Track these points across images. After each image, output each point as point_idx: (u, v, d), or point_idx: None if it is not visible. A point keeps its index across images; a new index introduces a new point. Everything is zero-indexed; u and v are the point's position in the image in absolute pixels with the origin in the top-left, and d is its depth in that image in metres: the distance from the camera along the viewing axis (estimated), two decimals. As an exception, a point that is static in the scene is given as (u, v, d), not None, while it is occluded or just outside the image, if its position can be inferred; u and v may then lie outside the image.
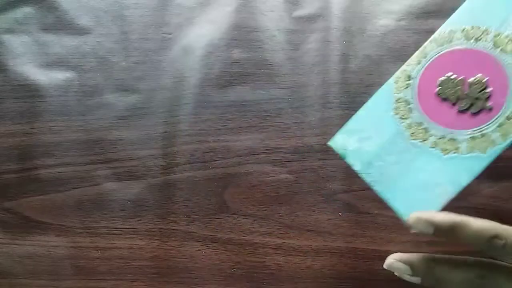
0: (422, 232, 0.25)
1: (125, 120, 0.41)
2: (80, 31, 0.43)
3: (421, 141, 0.27)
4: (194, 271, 0.38)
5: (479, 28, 0.28)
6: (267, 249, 0.37)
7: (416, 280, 0.26)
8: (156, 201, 0.39)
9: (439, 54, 0.29)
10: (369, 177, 0.28)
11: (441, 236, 0.25)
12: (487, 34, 0.28)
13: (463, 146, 0.27)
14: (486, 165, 0.26)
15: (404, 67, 0.29)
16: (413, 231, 0.25)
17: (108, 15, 0.43)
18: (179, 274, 0.38)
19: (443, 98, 0.28)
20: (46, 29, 0.43)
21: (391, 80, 0.29)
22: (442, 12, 0.40)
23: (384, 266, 0.27)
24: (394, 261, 0.27)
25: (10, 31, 0.43)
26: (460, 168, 0.27)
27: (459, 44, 0.29)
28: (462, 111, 0.27)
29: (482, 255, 0.26)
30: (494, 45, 0.27)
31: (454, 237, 0.24)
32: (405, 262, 0.27)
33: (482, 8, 0.29)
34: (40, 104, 0.41)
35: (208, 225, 0.38)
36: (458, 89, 0.27)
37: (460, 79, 0.27)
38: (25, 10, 0.43)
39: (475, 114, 0.27)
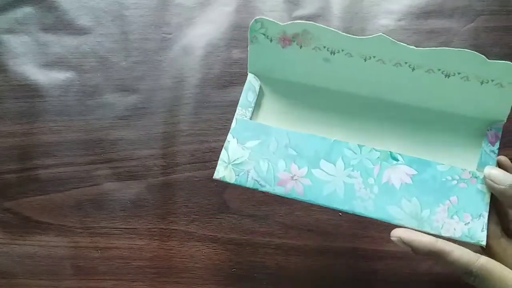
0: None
1: (125, 120, 0.41)
2: (80, 31, 0.43)
3: None
4: (194, 271, 0.38)
5: None
6: (267, 249, 0.37)
7: None
8: (156, 201, 0.39)
9: None
10: None
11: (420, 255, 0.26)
12: None
13: None
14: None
15: None
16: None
17: (108, 15, 0.43)
18: (179, 274, 0.38)
19: None
20: (46, 29, 0.43)
21: None
22: (442, 12, 0.40)
23: None
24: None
25: (10, 31, 0.43)
26: None
27: None
28: None
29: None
30: None
31: (433, 259, 0.26)
32: None
33: None
34: (40, 104, 0.41)
35: (208, 225, 0.38)
36: None
37: None
38: (25, 10, 0.43)
39: None
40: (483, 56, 0.27)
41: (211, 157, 0.39)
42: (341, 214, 0.38)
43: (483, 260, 0.25)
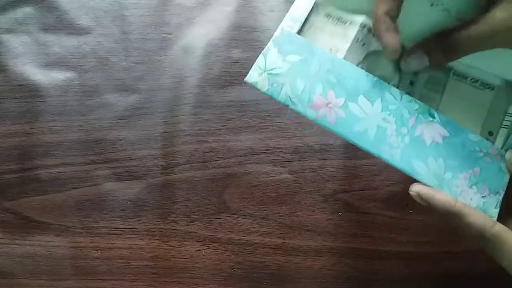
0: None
1: (125, 120, 0.41)
2: (80, 31, 0.43)
3: None
4: (194, 271, 0.38)
5: None
6: (267, 249, 0.37)
7: None
8: (156, 201, 0.39)
9: None
10: None
11: (436, 214, 0.26)
12: None
13: None
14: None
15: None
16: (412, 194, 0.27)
17: (108, 15, 0.43)
18: (179, 274, 0.38)
19: None
20: (46, 29, 0.43)
21: None
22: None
23: None
24: None
25: (10, 31, 0.43)
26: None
27: None
28: None
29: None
30: None
31: (448, 220, 0.26)
32: None
33: None
34: (40, 104, 0.41)
35: (208, 225, 0.38)
36: None
37: None
38: (25, 10, 0.43)
39: None
40: None
41: (211, 157, 0.39)
42: (341, 214, 0.38)
43: (498, 227, 0.25)
